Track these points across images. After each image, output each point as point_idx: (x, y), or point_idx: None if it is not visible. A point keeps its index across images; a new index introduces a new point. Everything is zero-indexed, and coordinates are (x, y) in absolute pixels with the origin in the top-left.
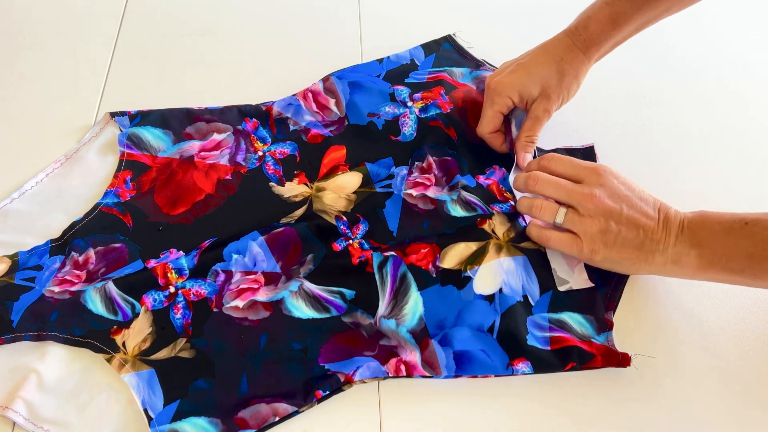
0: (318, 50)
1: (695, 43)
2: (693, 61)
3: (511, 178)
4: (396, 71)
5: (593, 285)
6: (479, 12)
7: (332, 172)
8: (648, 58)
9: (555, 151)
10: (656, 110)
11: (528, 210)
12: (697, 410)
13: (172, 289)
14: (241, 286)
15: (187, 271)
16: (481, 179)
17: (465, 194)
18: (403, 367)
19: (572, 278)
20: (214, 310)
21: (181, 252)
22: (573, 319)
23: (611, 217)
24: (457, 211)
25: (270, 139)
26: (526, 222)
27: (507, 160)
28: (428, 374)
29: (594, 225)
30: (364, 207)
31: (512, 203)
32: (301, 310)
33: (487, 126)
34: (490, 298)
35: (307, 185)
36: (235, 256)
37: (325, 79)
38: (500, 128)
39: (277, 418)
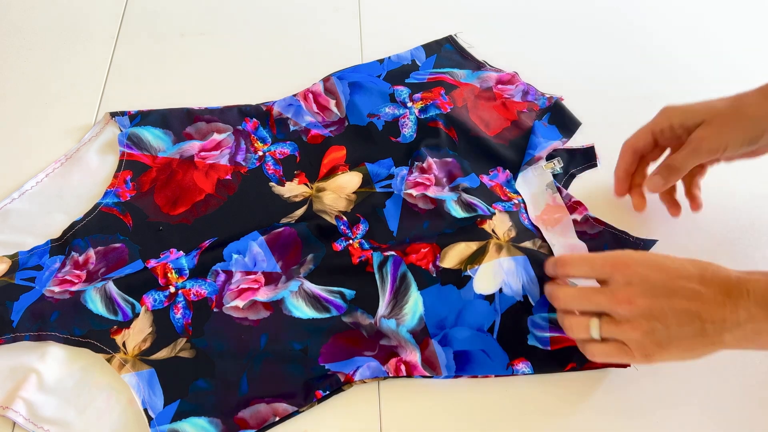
0: (318, 50)
1: (695, 43)
2: (693, 61)
3: (519, 186)
4: (397, 71)
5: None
6: (479, 13)
7: (332, 173)
8: (648, 58)
9: (555, 151)
10: (656, 110)
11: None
12: (697, 410)
13: (172, 289)
14: (241, 286)
15: (187, 271)
16: (485, 179)
17: (465, 196)
18: (403, 367)
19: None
20: (215, 310)
21: (181, 252)
22: None
23: (653, 317)
24: (458, 212)
25: (270, 139)
26: (527, 222)
27: (510, 162)
28: (428, 374)
29: (636, 330)
30: (364, 207)
31: (515, 202)
32: (302, 310)
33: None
34: (490, 298)
35: (307, 185)
36: (235, 256)
37: (325, 80)
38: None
39: (277, 418)
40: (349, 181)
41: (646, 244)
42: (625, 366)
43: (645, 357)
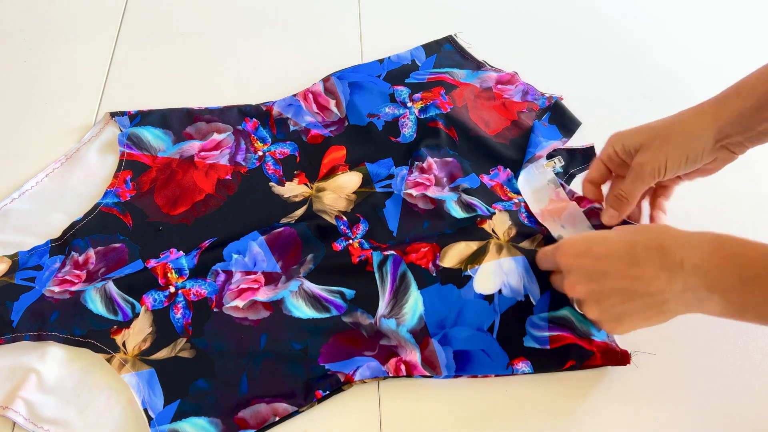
0: (318, 50)
1: (695, 43)
2: (693, 61)
3: (521, 183)
4: (397, 71)
5: None
6: (479, 13)
7: (332, 173)
8: (648, 58)
9: (555, 151)
10: (656, 110)
11: None
12: (697, 409)
13: (172, 289)
14: (241, 286)
15: (187, 271)
16: (486, 179)
17: (465, 197)
18: (403, 367)
19: None
20: (214, 310)
21: (181, 252)
22: (574, 316)
23: (598, 300)
24: (457, 212)
25: (270, 139)
26: (527, 220)
27: (510, 161)
28: (428, 374)
29: (592, 311)
30: (364, 207)
31: (515, 201)
32: (302, 309)
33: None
34: (489, 298)
35: (307, 185)
36: (235, 256)
37: (325, 80)
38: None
39: (277, 418)
40: (349, 181)
41: None
42: (624, 364)
43: (611, 330)
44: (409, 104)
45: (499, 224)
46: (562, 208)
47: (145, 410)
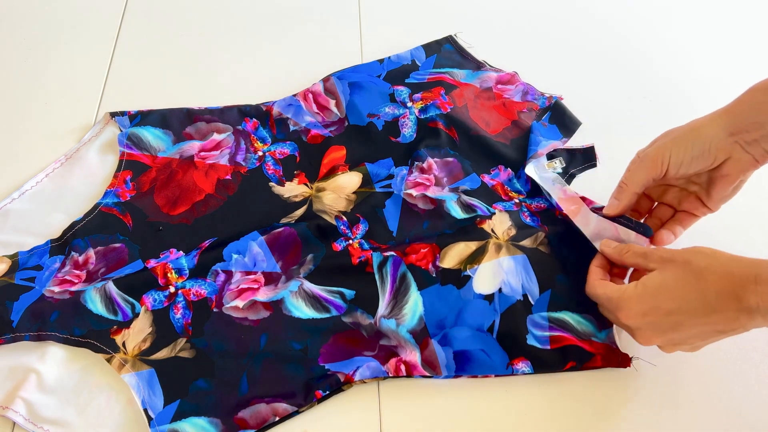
0: (318, 50)
1: (695, 43)
2: (693, 61)
3: (530, 169)
4: (397, 71)
5: None
6: (479, 13)
7: (332, 173)
8: (648, 58)
9: (555, 151)
10: (656, 110)
11: None
12: (697, 409)
13: (172, 289)
14: (241, 286)
15: (187, 271)
16: (486, 179)
17: (465, 198)
18: (403, 367)
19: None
20: (214, 310)
21: (181, 252)
22: (573, 318)
23: (677, 343)
24: (457, 212)
25: (270, 140)
26: (529, 219)
27: (511, 160)
28: (428, 374)
29: (670, 350)
30: (364, 207)
31: (516, 201)
32: (301, 310)
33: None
34: (489, 298)
35: (307, 185)
36: (235, 256)
37: (325, 80)
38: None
39: (277, 418)
40: (349, 181)
41: (645, 230)
42: (625, 366)
43: (685, 351)
44: (409, 104)
45: (499, 224)
46: (575, 211)
47: (145, 410)
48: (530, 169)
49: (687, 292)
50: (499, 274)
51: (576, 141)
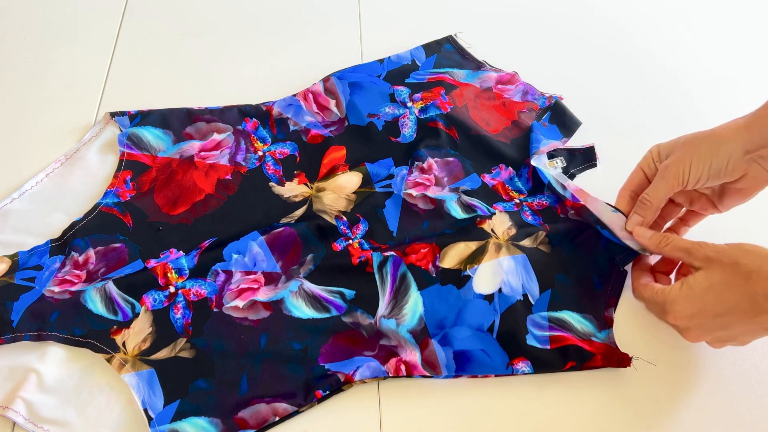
0: (318, 50)
1: (696, 43)
2: (693, 61)
3: (536, 161)
4: (397, 71)
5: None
6: (479, 13)
7: (332, 173)
8: (648, 58)
9: (555, 152)
10: (656, 110)
11: None
12: (697, 409)
13: (172, 289)
14: (241, 286)
15: (187, 271)
16: (487, 178)
17: (465, 198)
18: (403, 367)
19: (630, 242)
20: (214, 310)
21: (181, 252)
22: (573, 318)
23: (725, 340)
24: (457, 212)
25: (270, 139)
26: (530, 218)
27: (512, 160)
28: (428, 374)
29: (718, 346)
30: (364, 207)
31: (517, 201)
32: (301, 310)
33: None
34: (489, 298)
35: (307, 185)
36: (235, 256)
37: (325, 80)
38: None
39: (277, 418)
40: (349, 181)
41: None
42: (625, 366)
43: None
44: (409, 104)
45: (499, 224)
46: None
47: (145, 410)
48: (536, 161)
49: (736, 296)
50: (499, 274)
51: (576, 141)
